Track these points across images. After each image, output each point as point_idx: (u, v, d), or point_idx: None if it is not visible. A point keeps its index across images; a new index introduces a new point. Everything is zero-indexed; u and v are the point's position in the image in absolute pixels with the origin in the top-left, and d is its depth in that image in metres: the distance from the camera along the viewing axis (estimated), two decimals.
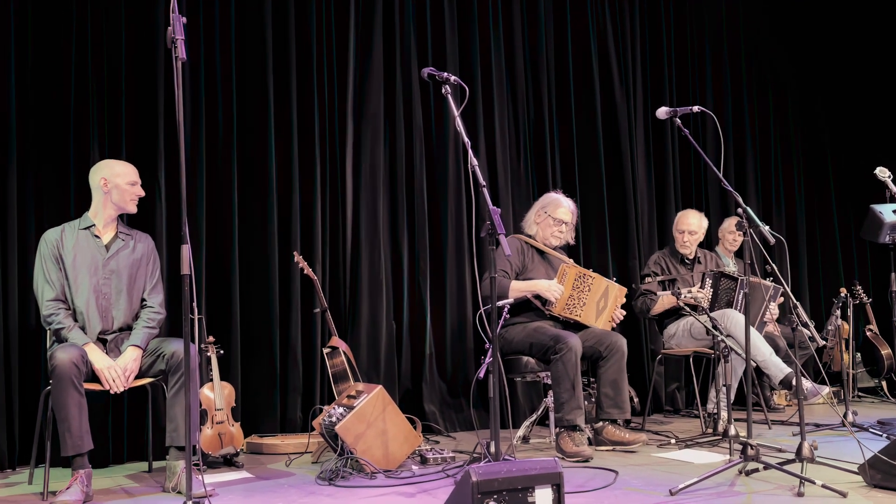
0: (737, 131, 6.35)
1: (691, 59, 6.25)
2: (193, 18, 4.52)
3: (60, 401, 3.31)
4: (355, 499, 3.21)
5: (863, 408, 5.41)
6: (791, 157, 6.59)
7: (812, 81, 6.68)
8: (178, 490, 3.40)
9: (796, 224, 6.52)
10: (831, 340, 5.87)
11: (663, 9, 6.14)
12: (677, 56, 6.18)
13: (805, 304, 6.26)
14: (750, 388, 3.56)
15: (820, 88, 6.70)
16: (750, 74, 6.45)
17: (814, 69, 6.70)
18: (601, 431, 4.16)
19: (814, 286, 6.53)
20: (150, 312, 3.74)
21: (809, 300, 6.42)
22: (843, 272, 6.58)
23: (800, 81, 6.64)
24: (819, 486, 3.02)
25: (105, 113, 4.34)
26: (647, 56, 6.06)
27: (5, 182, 4.13)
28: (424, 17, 5.24)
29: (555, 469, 2.38)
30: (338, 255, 4.92)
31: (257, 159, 4.72)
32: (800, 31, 6.66)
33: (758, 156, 6.43)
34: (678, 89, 6.16)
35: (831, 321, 5.89)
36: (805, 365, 5.56)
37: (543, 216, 4.48)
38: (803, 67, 6.66)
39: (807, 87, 6.66)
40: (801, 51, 6.66)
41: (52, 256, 3.62)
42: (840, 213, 6.66)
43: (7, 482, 3.79)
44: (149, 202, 4.32)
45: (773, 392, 5.45)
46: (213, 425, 4.02)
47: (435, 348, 5.09)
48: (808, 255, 6.54)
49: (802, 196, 6.60)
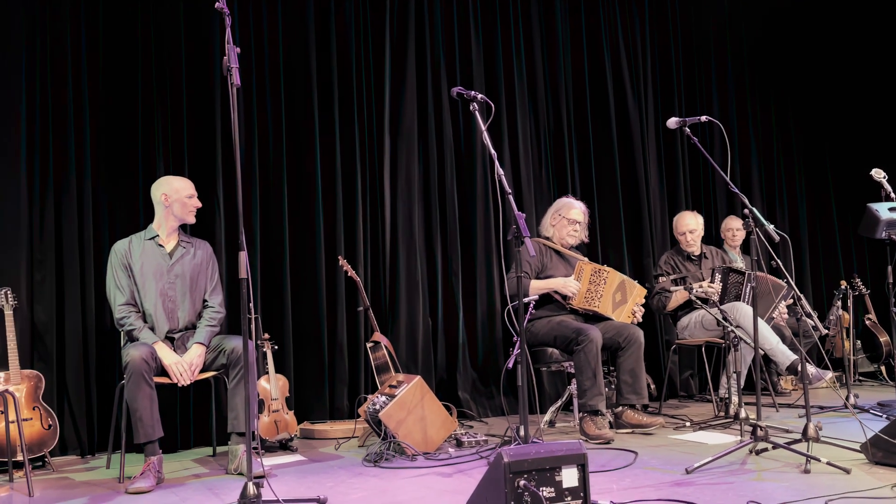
0: (742, 137, 6.27)
1: (698, 72, 6.17)
2: (246, 48, 4.56)
3: (133, 394, 3.34)
4: (398, 479, 3.21)
5: (863, 391, 5.32)
6: (793, 161, 6.48)
7: (811, 89, 6.57)
8: (240, 472, 3.42)
9: (799, 222, 6.42)
10: (833, 329, 5.82)
11: (671, 26, 6.07)
12: (685, 70, 6.11)
13: (808, 296, 6.17)
14: (758, 374, 3.52)
15: (819, 95, 6.59)
16: (753, 84, 6.36)
17: (813, 77, 6.58)
18: (621, 416, 4.12)
19: (816, 279, 6.43)
20: (211, 312, 3.76)
21: (812, 292, 6.32)
22: (843, 266, 6.48)
23: (800, 89, 6.53)
24: (824, 464, 2.99)
25: (169, 134, 4.37)
26: (657, 70, 5.99)
27: (82, 198, 4.19)
28: (453, 41, 5.23)
29: (579, 450, 2.36)
30: (378, 259, 4.92)
31: (305, 173, 4.73)
32: (799, 43, 6.55)
33: (762, 160, 6.33)
34: (686, 100, 6.09)
35: (833, 311, 5.85)
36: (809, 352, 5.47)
37: (558, 218, 4.45)
38: (803, 76, 6.55)
39: (807, 94, 6.55)
40: (800, 60, 6.55)
41: (121, 265, 3.66)
42: (839, 211, 6.54)
43: (88, 467, 3.83)
44: (209, 213, 4.37)
45: (780, 377, 5.38)
46: (270, 413, 4.05)
47: (467, 341, 5.07)
48: (810, 250, 6.44)
49: (804, 196, 6.50)
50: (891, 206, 4.31)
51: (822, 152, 6.60)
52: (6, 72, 4.05)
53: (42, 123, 4.13)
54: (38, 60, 4.15)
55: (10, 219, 4.01)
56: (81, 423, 4.09)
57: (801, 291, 4.48)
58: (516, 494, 2.25)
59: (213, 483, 3.33)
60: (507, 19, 5.42)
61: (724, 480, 2.89)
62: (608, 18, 5.80)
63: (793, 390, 5.41)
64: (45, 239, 4.10)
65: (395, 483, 3.14)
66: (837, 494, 2.61)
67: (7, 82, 4.05)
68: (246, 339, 2.73)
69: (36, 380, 3.82)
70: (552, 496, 2.30)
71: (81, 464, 3.93)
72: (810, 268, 6.39)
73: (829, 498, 2.57)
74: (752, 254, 3.42)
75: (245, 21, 4.62)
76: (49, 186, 4.12)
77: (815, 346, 5.16)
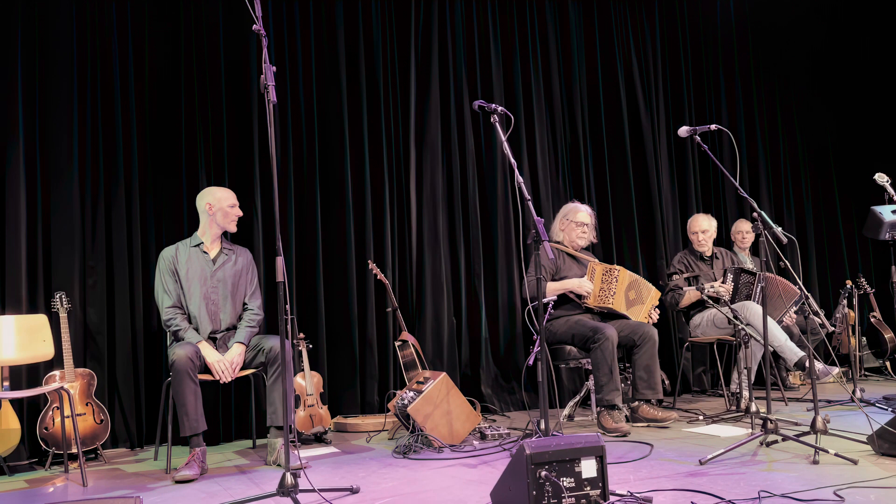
0: (749, 143, 6.20)
1: (707, 82, 6.11)
2: (281, 67, 4.59)
3: (179, 389, 3.37)
4: (426, 469, 3.21)
5: (869, 385, 5.24)
6: (799, 166, 6.40)
7: (816, 96, 6.48)
8: (278, 463, 3.44)
9: (805, 224, 6.33)
10: (839, 326, 5.74)
11: (681, 37, 6.02)
12: (695, 80, 6.05)
13: (815, 295, 6.09)
14: (768, 370, 3.48)
15: (824, 102, 6.50)
16: (760, 92, 6.28)
17: (818, 84, 6.49)
18: (637, 410, 4.09)
19: (822, 279, 6.34)
20: (250, 314, 3.78)
21: (819, 291, 6.23)
22: (848, 266, 6.38)
23: (805, 96, 6.45)
24: (832, 455, 2.96)
25: (210, 147, 4.41)
26: (668, 80, 5.94)
27: (130, 208, 4.23)
28: (474, 57, 5.22)
29: (598, 443, 2.36)
30: (405, 262, 4.92)
31: (336, 183, 4.75)
32: (803, 51, 6.47)
33: (769, 165, 6.26)
34: (696, 109, 6.04)
35: (839, 309, 5.76)
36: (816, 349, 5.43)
37: (566, 223, 4.43)
38: (808, 83, 6.46)
39: (812, 101, 6.46)
40: (805, 68, 6.47)
41: (168, 270, 3.69)
42: (843, 214, 6.45)
43: (137, 459, 3.87)
44: (248, 221, 4.39)
45: (788, 373, 5.31)
46: (306, 408, 4.06)
47: (489, 339, 5.05)
48: (817, 252, 6.35)
49: (810, 200, 6.41)
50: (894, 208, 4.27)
51: (827, 157, 6.51)
52: (59, 94, 4.11)
53: (93, 140, 4.19)
54: (89, 80, 4.20)
55: (65, 228, 4.07)
56: (131, 418, 4.13)
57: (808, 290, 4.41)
58: (538, 484, 2.25)
59: (254, 473, 3.35)
60: (525, 36, 5.41)
61: (737, 471, 2.87)
62: (621, 32, 5.77)
63: (801, 385, 5.34)
64: (97, 246, 4.15)
65: (423, 473, 3.14)
66: (846, 484, 2.58)
67: (60, 103, 4.12)
68: (283, 338, 2.74)
69: (89, 377, 3.88)
70: (572, 486, 2.30)
71: (131, 455, 3.97)
72: (816, 268, 6.31)
73: (837, 487, 2.54)
74: (760, 255, 3.39)
75: (280, 41, 4.65)
76: (100, 198, 4.18)
77: (823, 342, 5.10)
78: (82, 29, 4.21)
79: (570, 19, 5.59)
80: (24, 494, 3.17)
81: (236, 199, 3.84)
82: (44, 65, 4.11)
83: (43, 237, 4.04)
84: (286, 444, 2.67)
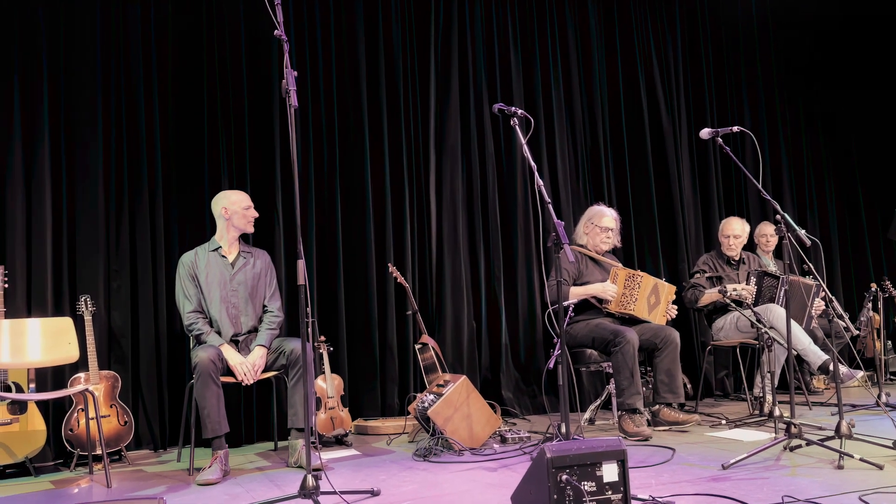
0: (772, 146, 6.14)
1: (729, 84, 6.07)
2: (302, 71, 4.62)
3: (201, 392, 3.39)
4: (446, 472, 3.21)
5: (894, 389, 5.16)
6: (822, 167, 6.34)
7: (839, 97, 6.41)
8: (299, 465, 3.45)
9: (829, 227, 6.26)
10: (864, 330, 5.66)
11: (702, 39, 5.98)
12: (716, 82, 6.01)
13: (839, 298, 6.01)
14: (792, 373, 3.45)
15: (847, 103, 6.43)
16: (782, 94, 6.23)
17: (840, 85, 6.43)
18: (658, 414, 4.06)
19: (846, 282, 6.26)
20: (271, 317, 3.79)
21: (843, 294, 6.16)
22: (873, 269, 6.30)
23: (828, 97, 6.39)
24: (857, 460, 2.91)
25: (232, 152, 4.44)
26: (689, 83, 5.90)
27: (154, 212, 4.28)
28: (493, 62, 5.22)
29: (619, 447, 2.34)
30: (425, 266, 4.92)
31: (356, 187, 4.76)
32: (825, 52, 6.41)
33: (792, 167, 6.20)
34: (718, 111, 5.99)
35: (863, 313, 5.69)
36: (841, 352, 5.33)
37: (591, 227, 4.41)
38: (830, 84, 6.40)
39: (834, 102, 6.40)
40: (827, 69, 6.41)
41: (188, 276, 3.72)
42: (868, 216, 6.37)
43: (160, 460, 3.91)
44: (269, 224, 4.43)
45: (812, 377, 5.25)
46: (326, 410, 4.07)
47: (510, 343, 5.04)
48: (841, 254, 6.27)
49: (833, 202, 6.34)
50: None
51: (851, 158, 6.44)
52: (86, 99, 4.17)
53: (117, 146, 4.24)
54: (113, 87, 4.26)
55: (90, 233, 4.12)
56: (154, 420, 4.16)
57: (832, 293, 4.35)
58: (559, 488, 2.24)
59: (275, 475, 3.36)
60: (545, 38, 5.40)
61: (760, 476, 2.83)
62: (641, 36, 5.74)
63: (825, 389, 5.28)
64: (121, 250, 4.20)
65: (443, 476, 3.14)
66: (871, 489, 2.54)
67: (85, 109, 4.17)
68: (304, 341, 2.75)
69: (113, 380, 3.91)
70: (593, 490, 2.27)
71: (154, 457, 4.00)
72: (841, 271, 6.23)
73: (862, 493, 2.50)
74: (784, 258, 3.35)
75: (301, 47, 4.68)
76: (124, 202, 4.22)
77: (847, 346, 5.03)
78: (106, 32, 4.25)
79: (589, 24, 5.58)
80: (49, 495, 3.20)
81: (251, 201, 3.85)
82: (69, 69, 4.18)
83: (68, 241, 4.09)
84: (307, 446, 2.68)
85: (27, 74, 4.07)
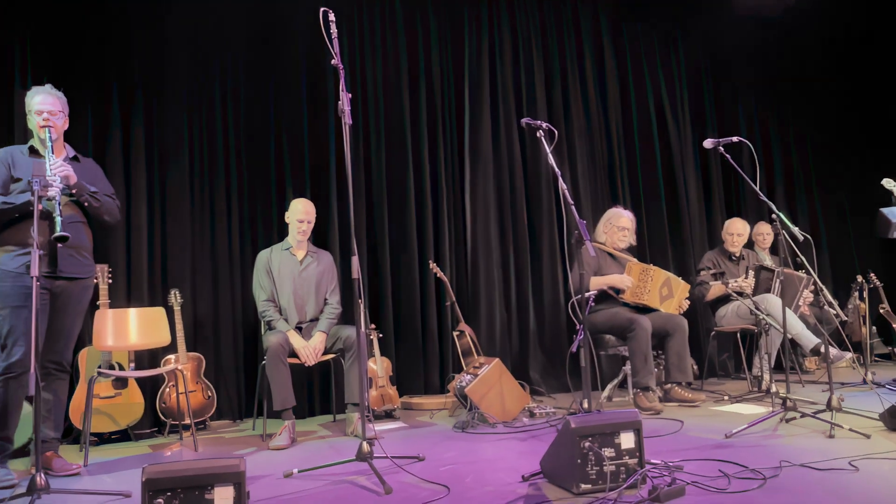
0: (765, 152, 6.10)
1: (727, 98, 6.04)
2: (354, 93, 4.70)
3: (272, 371, 3.45)
4: (482, 442, 3.23)
5: (879, 370, 5.09)
6: (811, 172, 6.26)
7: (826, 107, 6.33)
8: (355, 434, 3.51)
9: (818, 225, 6.19)
10: (851, 317, 5.61)
11: (702, 59, 5.97)
12: (715, 98, 5.99)
13: (829, 288, 5.94)
14: (786, 355, 3.43)
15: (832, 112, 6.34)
16: (774, 105, 6.18)
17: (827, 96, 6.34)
18: (669, 391, 4.07)
19: (835, 274, 6.18)
20: (330, 308, 3.85)
21: (833, 285, 6.08)
22: (858, 262, 6.21)
23: (815, 107, 6.30)
24: (847, 430, 2.91)
25: (296, 163, 4.52)
26: (692, 98, 5.89)
27: (230, 216, 4.38)
28: (519, 79, 5.25)
29: (635, 418, 2.33)
30: (461, 261, 4.95)
31: (400, 192, 4.80)
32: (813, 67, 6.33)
33: (784, 172, 6.15)
34: (718, 122, 5.98)
35: (851, 301, 5.66)
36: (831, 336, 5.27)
37: (609, 226, 4.42)
38: (817, 95, 6.32)
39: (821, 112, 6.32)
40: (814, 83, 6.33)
41: (263, 270, 3.80)
42: (853, 215, 6.29)
43: (238, 429, 4.01)
44: (325, 226, 4.50)
45: (805, 358, 5.21)
46: (377, 388, 4.12)
47: (537, 329, 5.05)
48: (830, 249, 6.20)
49: (821, 202, 6.26)
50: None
51: (837, 163, 6.35)
52: (174, 124, 4.30)
53: (199, 161, 4.36)
54: (197, 111, 4.38)
55: (179, 237, 4.24)
56: (233, 394, 4.27)
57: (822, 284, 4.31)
58: (582, 454, 2.26)
59: (335, 442, 3.43)
60: (565, 60, 5.41)
61: (759, 443, 2.84)
62: (649, 56, 5.73)
63: (816, 370, 5.23)
64: (204, 249, 4.31)
65: (479, 445, 3.16)
66: (860, 456, 2.54)
67: (174, 132, 4.29)
68: (358, 328, 2.77)
69: (198, 360, 4.02)
70: (612, 455, 2.30)
71: (233, 426, 4.10)
72: (830, 264, 6.16)
73: (852, 458, 2.50)
74: (779, 252, 3.34)
75: (353, 71, 4.75)
76: (206, 209, 4.34)
77: (836, 330, 4.99)
78: (192, 75, 4.37)
79: (603, 47, 5.58)
80: (147, 457, 3.32)
81: (306, 214, 3.82)
82: (161, 101, 4.30)
83: (161, 243, 4.21)
84: (362, 419, 2.72)
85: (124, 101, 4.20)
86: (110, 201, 3.11)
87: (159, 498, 1.88)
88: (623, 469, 2.30)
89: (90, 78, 4.12)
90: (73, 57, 4.09)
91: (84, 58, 4.12)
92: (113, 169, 4.08)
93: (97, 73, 4.15)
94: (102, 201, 3.06)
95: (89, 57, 4.13)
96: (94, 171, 3.16)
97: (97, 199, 3.03)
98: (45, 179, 2.63)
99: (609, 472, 2.27)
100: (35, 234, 2.49)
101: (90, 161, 3.20)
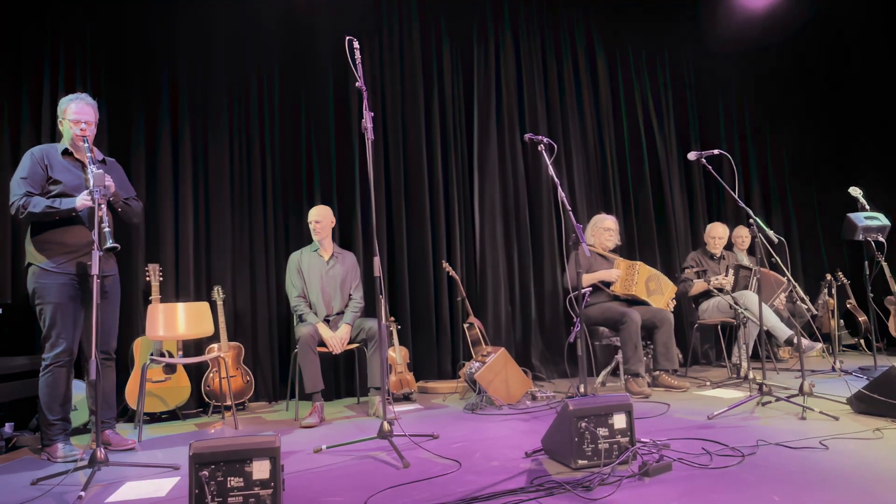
0: (743, 162, 6.06)
1: (710, 114, 6.00)
2: (376, 110, 4.71)
3: (303, 359, 3.47)
4: (490, 422, 3.25)
5: (847, 358, 5.04)
6: (784, 181, 6.21)
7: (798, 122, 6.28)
8: (377, 415, 3.53)
9: (791, 229, 6.14)
10: (821, 311, 5.57)
11: (686, 77, 5.94)
12: (699, 113, 5.96)
13: (801, 285, 5.90)
14: (763, 345, 3.41)
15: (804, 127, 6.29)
16: (751, 121, 6.14)
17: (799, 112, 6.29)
18: (657, 378, 4.06)
19: (807, 272, 6.13)
20: (354, 303, 3.85)
21: (804, 283, 6.03)
22: (828, 262, 6.17)
23: (790, 122, 6.26)
24: (817, 413, 2.91)
25: (324, 174, 4.53)
26: (677, 114, 5.86)
27: (266, 220, 4.38)
28: (523, 98, 5.23)
29: (627, 401, 2.35)
30: (471, 261, 4.94)
31: (416, 199, 4.80)
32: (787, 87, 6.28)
33: (760, 180, 6.11)
34: (701, 137, 5.94)
35: (821, 297, 5.62)
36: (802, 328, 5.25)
37: (597, 229, 4.40)
38: (792, 111, 6.27)
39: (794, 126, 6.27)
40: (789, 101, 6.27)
41: (295, 270, 3.82)
42: (822, 220, 6.24)
43: (273, 410, 4.02)
44: (349, 229, 4.51)
45: (779, 348, 5.17)
46: (396, 374, 4.13)
47: (538, 321, 5.04)
48: (801, 250, 6.15)
49: (793, 207, 6.21)
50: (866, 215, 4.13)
51: (808, 172, 6.30)
52: (217, 138, 4.32)
53: (240, 170, 4.36)
54: (236, 126, 4.39)
55: (221, 239, 4.25)
56: (268, 379, 4.27)
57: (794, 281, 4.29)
58: (579, 433, 2.28)
59: (359, 422, 3.45)
60: (563, 81, 5.39)
61: (738, 425, 2.84)
62: (640, 76, 5.70)
63: (789, 359, 5.20)
64: (243, 250, 4.32)
65: (487, 425, 3.18)
66: (829, 436, 2.54)
67: (218, 147, 4.30)
68: (380, 320, 2.79)
69: (238, 349, 4.03)
70: (606, 434, 2.31)
71: (269, 407, 4.11)
72: (802, 263, 6.11)
73: (822, 438, 2.50)
74: (756, 253, 3.32)
75: (375, 91, 4.77)
76: (245, 214, 4.35)
77: (808, 323, 4.96)
78: (232, 87, 4.39)
79: (597, 68, 5.56)
80: (193, 434, 3.35)
81: (316, 216, 3.83)
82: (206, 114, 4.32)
83: (205, 245, 4.23)
84: (383, 401, 2.73)
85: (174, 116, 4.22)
86: (138, 204, 3.10)
87: (205, 470, 1.91)
88: (616, 447, 2.31)
89: (139, 102, 4.15)
90: (129, 86, 4.12)
91: (134, 86, 4.15)
92: (162, 182, 4.11)
93: (145, 100, 4.17)
94: (132, 206, 3.06)
95: (135, 83, 4.16)
96: (119, 172, 3.09)
97: (129, 204, 3.04)
98: (105, 189, 2.65)
99: (603, 449, 2.28)
100: (96, 237, 2.52)
101: (114, 162, 3.12)
